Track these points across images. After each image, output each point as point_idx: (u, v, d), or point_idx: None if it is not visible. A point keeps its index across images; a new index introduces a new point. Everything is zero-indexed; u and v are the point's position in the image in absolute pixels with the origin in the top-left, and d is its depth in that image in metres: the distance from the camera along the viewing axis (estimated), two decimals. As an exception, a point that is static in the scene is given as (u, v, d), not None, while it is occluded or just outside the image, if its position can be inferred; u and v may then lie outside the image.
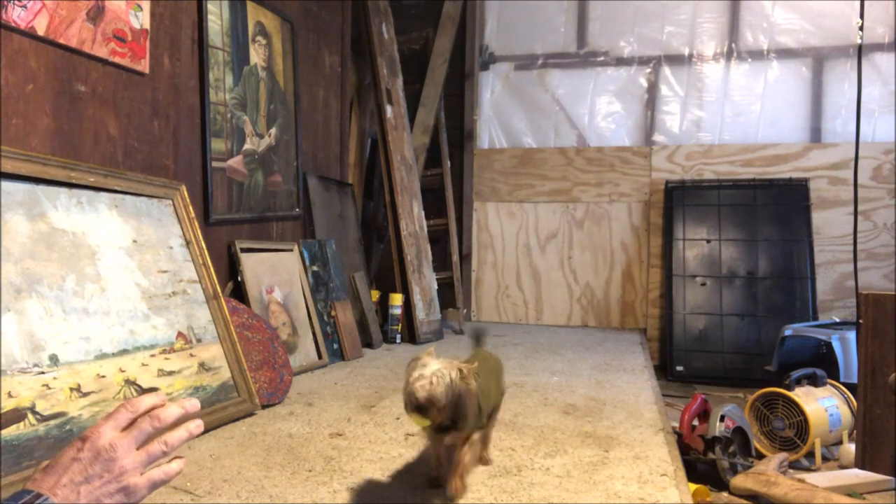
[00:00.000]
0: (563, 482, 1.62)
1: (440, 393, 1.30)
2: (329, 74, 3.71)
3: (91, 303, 1.79)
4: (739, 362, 3.83)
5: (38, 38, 1.88)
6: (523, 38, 4.68)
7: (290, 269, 3.03)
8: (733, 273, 4.01)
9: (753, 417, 2.55)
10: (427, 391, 1.30)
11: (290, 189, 3.23)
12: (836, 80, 4.15)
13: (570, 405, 2.37)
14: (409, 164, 3.95)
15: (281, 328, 2.77)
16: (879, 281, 3.95)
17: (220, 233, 2.70)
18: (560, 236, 4.57)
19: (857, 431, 1.91)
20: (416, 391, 1.31)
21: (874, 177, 3.98)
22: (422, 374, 1.32)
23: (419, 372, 1.33)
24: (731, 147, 4.27)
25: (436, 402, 1.30)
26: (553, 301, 4.57)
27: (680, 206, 4.20)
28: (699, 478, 2.18)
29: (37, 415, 1.52)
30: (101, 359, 1.75)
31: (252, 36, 2.95)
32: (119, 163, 2.19)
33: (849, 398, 2.57)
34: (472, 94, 4.68)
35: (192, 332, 2.10)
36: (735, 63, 4.32)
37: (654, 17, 4.44)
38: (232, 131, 2.80)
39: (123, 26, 2.18)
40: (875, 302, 1.83)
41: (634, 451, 1.86)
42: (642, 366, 3.13)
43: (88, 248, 1.86)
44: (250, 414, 2.16)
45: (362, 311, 3.50)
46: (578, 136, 4.60)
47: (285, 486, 1.56)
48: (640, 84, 4.48)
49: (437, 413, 1.32)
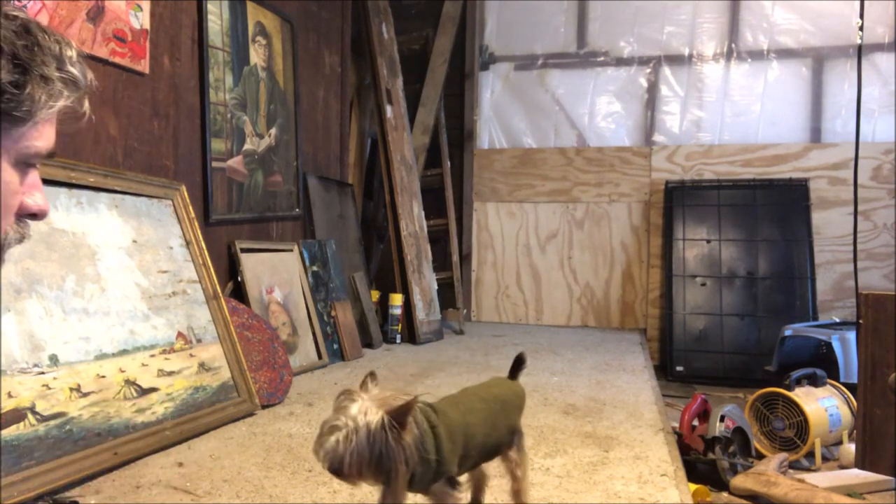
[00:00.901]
0: (563, 482, 1.62)
1: (350, 454, 1.00)
2: (329, 74, 3.71)
3: (91, 303, 1.79)
4: (739, 362, 3.83)
5: (38, 38, 1.88)
6: (523, 38, 4.68)
7: (290, 269, 3.03)
8: (733, 273, 4.01)
9: (753, 417, 2.55)
10: (331, 457, 1.01)
11: (290, 189, 3.23)
12: (836, 80, 4.15)
13: (570, 405, 2.37)
14: (409, 164, 3.95)
15: (281, 328, 2.77)
16: (879, 281, 3.95)
17: (220, 233, 2.70)
18: (560, 236, 4.57)
19: (857, 431, 1.91)
20: (318, 455, 1.03)
21: (874, 177, 3.98)
22: (335, 424, 1.02)
23: (334, 421, 1.03)
24: (731, 147, 4.27)
25: (343, 465, 1.01)
26: (553, 301, 4.57)
27: (680, 206, 4.20)
28: (699, 478, 2.18)
29: (37, 415, 1.52)
30: (101, 359, 1.75)
31: (252, 36, 2.95)
32: (119, 163, 2.19)
33: (849, 398, 2.57)
34: (472, 94, 4.68)
35: (192, 332, 2.10)
36: (735, 63, 4.32)
37: (654, 17, 4.44)
38: (232, 131, 2.80)
39: (123, 26, 2.18)
40: (875, 302, 1.83)
41: (634, 452, 1.86)
42: (642, 366, 3.13)
43: (88, 248, 1.86)
44: (250, 414, 2.16)
45: (362, 311, 3.50)
46: (578, 136, 4.60)
47: (285, 486, 1.56)
48: (640, 84, 4.48)
49: (356, 477, 1.03)
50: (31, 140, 0.68)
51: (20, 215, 0.71)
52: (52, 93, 0.67)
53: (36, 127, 0.68)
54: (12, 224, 0.70)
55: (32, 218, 0.73)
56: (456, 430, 1.15)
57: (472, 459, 1.22)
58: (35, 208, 0.72)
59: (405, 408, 1.04)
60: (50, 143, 0.71)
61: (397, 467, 1.03)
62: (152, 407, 1.83)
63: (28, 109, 0.65)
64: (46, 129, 0.69)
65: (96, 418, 1.66)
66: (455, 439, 1.14)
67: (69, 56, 0.69)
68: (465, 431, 1.17)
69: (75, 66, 0.70)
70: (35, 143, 0.68)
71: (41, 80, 0.66)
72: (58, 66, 0.68)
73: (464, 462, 1.18)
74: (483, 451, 1.24)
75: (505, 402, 1.31)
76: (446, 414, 1.16)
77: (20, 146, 0.67)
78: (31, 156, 0.69)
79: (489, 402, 1.27)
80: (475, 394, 1.30)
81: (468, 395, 1.29)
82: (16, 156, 0.67)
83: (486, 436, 1.23)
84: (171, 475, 1.62)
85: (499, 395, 1.31)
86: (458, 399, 1.26)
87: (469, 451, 1.18)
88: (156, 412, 1.83)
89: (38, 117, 0.67)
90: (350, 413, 1.02)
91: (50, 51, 0.67)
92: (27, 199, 0.71)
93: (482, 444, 1.22)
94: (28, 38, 0.66)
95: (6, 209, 0.68)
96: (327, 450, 1.01)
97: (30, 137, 0.68)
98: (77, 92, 0.70)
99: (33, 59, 0.65)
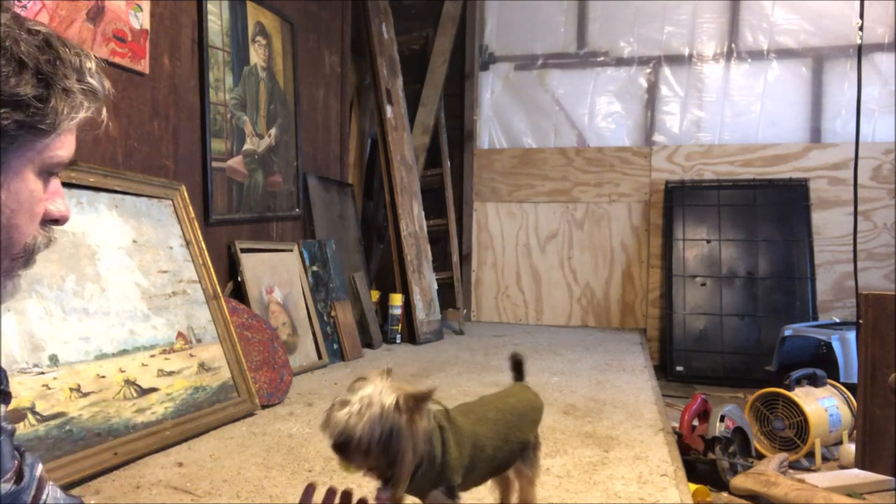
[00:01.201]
0: (563, 482, 1.62)
1: (361, 429, 0.96)
2: (329, 74, 3.71)
3: (91, 303, 1.79)
4: (739, 362, 3.83)
5: (38, 38, 1.88)
6: (523, 38, 4.68)
7: (290, 269, 3.03)
8: (733, 273, 4.01)
9: (753, 417, 2.55)
10: (341, 429, 0.97)
11: (290, 189, 3.23)
12: (836, 80, 4.15)
13: (570, 405, 2.37)
14: (409, 164, 3.95)
15: (281, 328, 2.77)
16: (879, 281, 3.95)
17: (220, 233, 2.70)
18: (560, 236, 4.57)
19: (857, 431, 1.91)
20: (326, 427, 0.99)
21: (874, 177, 3.98)
22: (347, 399, 0.99)
23: (348, 396, 1.00)
24: (730, 147, 4.27)
25: (352, 440, 0.96)
26: (553, 301, 4.57)
27: (680, 206, 4.20)
28: (699, 478, 2.18)
29: (37, 415, 1.52)
30: (101, 359, 1.75)
31: (252, 36, 2.95)
32: (119, 163, 2.19)
33: (849, 398, 2.57)
34: (472, 94, 4.68)
35: (192, 332, 2.10)
36: (735, 63, 4.32)
37: (654, 18, 4.44)
38: (232, 131, 2.80)
39: (123, 26, 2.18)
40: (875, 302, 1.83)
41: (634, 452, 1.86)
42: (642, 366, 3.13)
43: (88, 248, 1.86)
44: (250, 414, 2.16)
45: (362, 311, 3.50)
46: (578, 136, 4.60)
47: (285, 486, 1.56)
48: (640, 84, 4.48)
49: (362, 458, 0.98)
50: (55, 150, 0.71)
51: (44, 221, 0.74)
52: (74, 105, 0.70)
53: (59, 138, 0.71)
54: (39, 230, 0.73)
55: (55, 223, 0.76)
56: (464, 439, 1.11)
57: (479, 472, 1.17)
58: (57, 214, 0.75)
59: (423, 394, 1.00)
60: (71, 151, 0.74)
61: (405, 453, 0.99)
62: (152, 407, 1.83)
63: (52, 122, 0.68)
64: (68, 139, 0.73)
65: (96, 418, 1.66)
66: (463, 448, 1.10)
67: (89, 68, 0.72)
68: (475, 442, 1.13)
69: (94, 78, 0.72)
70: (58, 152, 0.72)
71: (63, 93, 0.69)
72: (78, 77, 0.70)
73: (470, 474, 1.13)
74: (492, 465, 1.20)
75: (521, 415, 1.26)
76: (456, 421, 1.12)
77: (44, 157, 0.70)
78: (55, 165, 0.72)
79: (504, 413, 1.22)
80: (490, 402, 1.25)
81: (482, 404, 1.24)
82: (40, 165, 0.70)
83: (497, 449, 1.18)
84: (171, 475, 1.62)
85: (515, 407, 1.26)
86: (472, 407, 1.22)
87: (476, 463, 1.13)
88: (156, 412, 1.83)
89: (61, 129, 0.70)
90: (365, 392, 0.99)
91: (71, 64, 0.70)
92: (50, 205, 0.74)
93: (491, 458, 1.17)
94: (50, 52, 0.68)
95: (33, 216, 0.71)
96: (338, 421, 0.97)
97: (53, 148, 0.71)
98: (97, 102, 0.73)
99: (55, 73, 0.68)
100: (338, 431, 0.97)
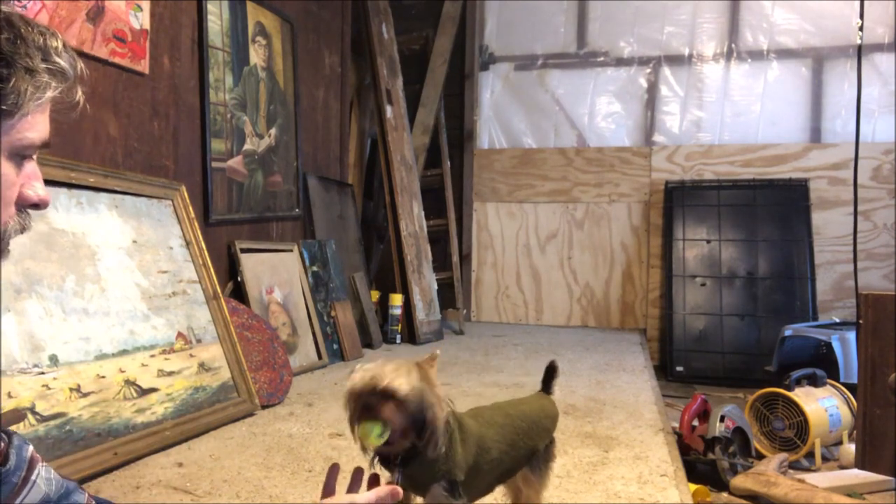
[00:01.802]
0: (563, 482, 1.62)
1: (407, 382, 0.99)
2: (329, 74, 3.71)
3: (91, 303, 1.79)
4: (739, 362, 3.83)
5: (38, 38, 1.88)
6: (523, 38, 4.68)
7: (290, 269, 3.03)
8: (733, 273, 4.01)
9: (753, 418, 2.55)
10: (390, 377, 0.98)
11: (289, 189, 3.23)
12: (835, 80, 4.15)
13: (570, 405, 2.37)
14: (409, 165, 3.95)
15: (281, 328, 2.77)
16: (879, 281, 3.95)
17: (219, 233, 2.70)
18: (560, 236, 4.57)
19: (857, 431, 1.91)
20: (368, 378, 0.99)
21: (874, 177, 3.98)
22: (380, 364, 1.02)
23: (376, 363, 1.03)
24: (730, 147, 4.27)
25: (397, 393, 0.98)
26: (553, 301, 4.57)
27: (680, 206, 4.20)
28: (699, 478, 2.18)
29: (37, 415, 1.52)
30: (100, 359, 1.75)
31: (252, 36, 2.95)
32: (119, 163, 2.19)
33: (849, 398, 2.57)
34: (472, 94, 4.68)
35: (192, 332, 2.10)
36: (735, 63, 4.32)
37: (654, 18, 4.44)
38: (232, 131, 2.80)
39: (123, 26, 2.18)
40: (875, 302, 1.83)
41: (634, 452, 1.86)
42: (642, 366, 3.13)
43: (88, 248, 1.86)
44: (250, 414, 2.16)
45: (362, 312, 3.50)
46: (578, 136, 4.60)
47: (285, 486, 1.56)
48: (639, 84, 4.48)
49: (399, 414, 0.99)
50: (23, 132, 0.69)
51: (21, 206, 0.72)
52: (39, 84, 0.68)
53: (26, 119, 0.69)
54: (13, 215, 0.71)
55: (34, 208, 0.73)
56: (469, 438, 1.11)
57: (484, 476, 1.16)
58: (35, 198, 0.72)
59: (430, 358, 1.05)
60: (43, 133, 0.72)
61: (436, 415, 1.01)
62: (152, 407, 1.83)
63: (14, 102, 0.66)
64: (38, 120, 0.70)
65: (96, 418, 1.66)
66: (467, 447, 1.10)
67: (55, 47, 0.70)
68: (480, 444, 1.13)
69: (62, 57, 0.70)
70: (27, 134, 0.69)
71: (26, 72, 0.67)
72: (43, 57, 0.69)
73: (474, 475, 1.12)
74: (499, 469, 1.18)
75: (533, 422, 1.24)
76: (463, 421, 1.13)
77: (12, 138, 0.68)
78: (25, 147, 0.70)
79: (513, 418, 1.21)
80: (501, 408, 1.24)
81: (493, 409, 1.24)
82: (9, 148, 0.68)
83: (503, 453, 1.17)
84: (171, 475, 1.62)
85: (527, 413, 1.24)
86: (481, 411, 1.22)
87: (481, 465, 1.13)
88: (156, 412, 1.83)
89: (27, 109, 0.68)
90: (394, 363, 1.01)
91: (34, 42, 0.68)
92: (26, 189, 0.71)
93: (497, 461, 1.16)
94: (10, 31, 0.67)
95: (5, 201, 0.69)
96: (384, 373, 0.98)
97: (21, 129, 0.69)
98: (66, 82, 0.71)
99: (16, 52, 0.66)
100: (385, 381, 0.98)
